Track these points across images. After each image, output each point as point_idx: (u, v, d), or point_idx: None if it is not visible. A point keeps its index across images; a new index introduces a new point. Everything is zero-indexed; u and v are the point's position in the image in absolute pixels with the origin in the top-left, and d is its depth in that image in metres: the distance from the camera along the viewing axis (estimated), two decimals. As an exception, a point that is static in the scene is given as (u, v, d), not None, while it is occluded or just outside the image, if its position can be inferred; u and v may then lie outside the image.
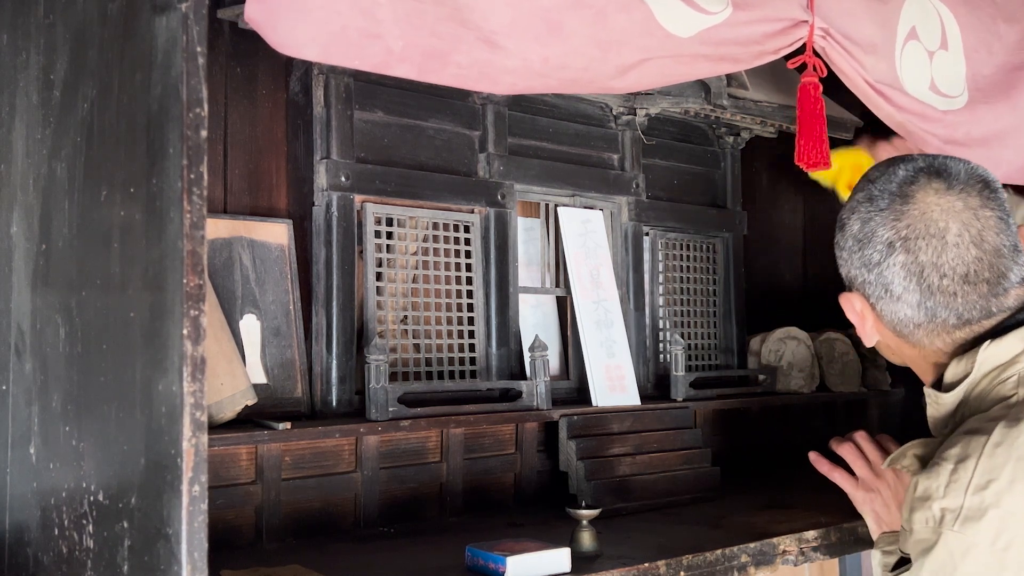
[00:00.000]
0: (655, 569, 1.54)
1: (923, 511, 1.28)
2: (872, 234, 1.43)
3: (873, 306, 1.45)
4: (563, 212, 2.23)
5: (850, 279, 1.48)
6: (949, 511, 1.25)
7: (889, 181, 1.44)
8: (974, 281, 1.37)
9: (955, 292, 1.38)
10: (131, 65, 1.14)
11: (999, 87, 2.08)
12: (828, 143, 1.87)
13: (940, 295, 1.38)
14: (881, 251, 1.41)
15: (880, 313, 1.45)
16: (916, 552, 1.29)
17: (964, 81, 2.03)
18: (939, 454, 1.31)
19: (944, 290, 1.38)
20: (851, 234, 1.46)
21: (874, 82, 1.88)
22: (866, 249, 1.43)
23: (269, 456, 1.70)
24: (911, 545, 1.30)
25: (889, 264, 1.41)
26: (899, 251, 1.40)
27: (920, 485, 1.30)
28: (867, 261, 1.43)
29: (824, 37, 1.80)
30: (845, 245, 1.47)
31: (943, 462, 1.29)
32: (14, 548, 1.36)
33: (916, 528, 1.29)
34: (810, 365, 2.57)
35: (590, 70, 1.61)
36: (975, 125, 2.01)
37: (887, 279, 1.41)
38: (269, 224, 1.88)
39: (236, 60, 1.89)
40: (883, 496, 1.63)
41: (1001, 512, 1.23)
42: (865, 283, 1.44)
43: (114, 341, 1.15)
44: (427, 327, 2.01)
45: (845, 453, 1.69)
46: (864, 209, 1.44)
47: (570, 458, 1.99)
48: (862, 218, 1.44)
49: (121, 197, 1.15)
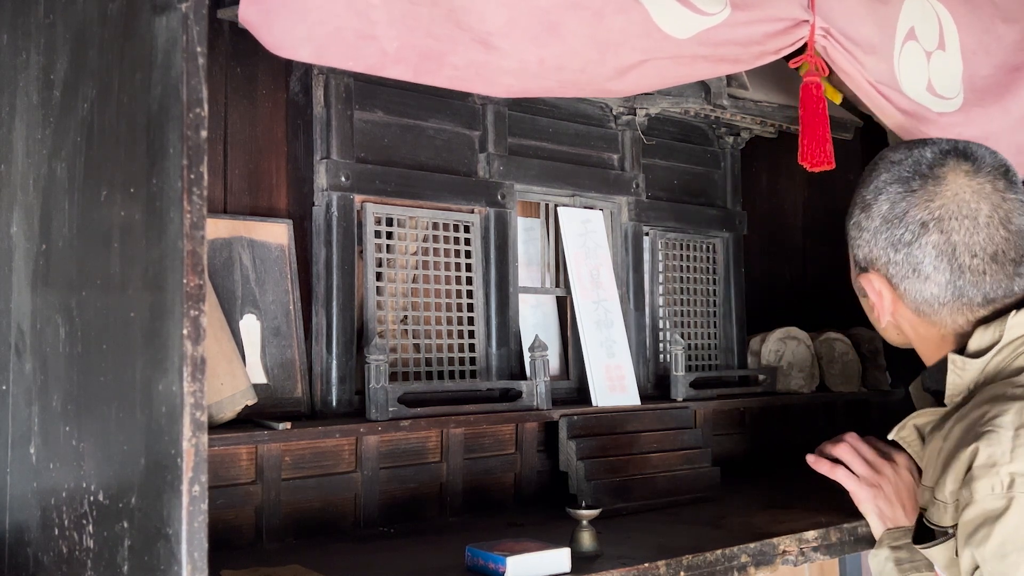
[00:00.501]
0: (655, 569, 1.54)
1: (989, 478, 1.28)
2: (904, 214, 1.47)
3: (896, 286, 1.49)
4: (563, 212, 2.23)
5: (871, 259, 1.51)
6: (1020, 475, 1.26)
7: (919, 163, 1.49)
8: (1002, 261, 1.44)
9: (984, 271, 1.43)
10: (131, 65, 1.14)
11: (994, 89, 2.08)
12: (831, 142, 1.87)
13: (970, 274, 1.44)
14: (914, 231, 1.45)
15: (903, 293, 1.49)
16: (979, 521, 1.28)
17: (960, 82, 2.03)
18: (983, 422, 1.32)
19: (975, 269, 1.44)
20: (879, 214, 1.49)
21: (875, 82, 1.88)
22: (896, 228, 1.47)
23: (269, 456, 1.70)
24: (969, 518, 1.29)
25: (921, 243, 1.45)
26: (932, 231, 1.44)
27: (981, 453, 1.30)
28: (896, 240, 1.47)
29: (825, 36, 1.80)
30: (869, 226, 1.51)
31: (999, 429, 1.30)
32: (14, 548, 1.36)
33: (980, 497, 1.28)
34: (810, 365, 2.58)
35: (587, 72, 1.61)
36: (968, 127, 2.00)
37: (917, 258, 1.46)
38: (269, 224, 1.88)
39: (236, 60, 1.89)
40: (885, 491, 1.64)
41: None
42: (890, 263, 1.48)
43: (114, 341, 1.15)
44: (427, 327, 2.01)
45: (841, 454, 1.69)
46: (894, 190, 1.48)
47: (570, 458, 1.99)
48: (891, 199, 1.48)
49: (121, 197, 1.15)
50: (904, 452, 1.67)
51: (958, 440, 1.35)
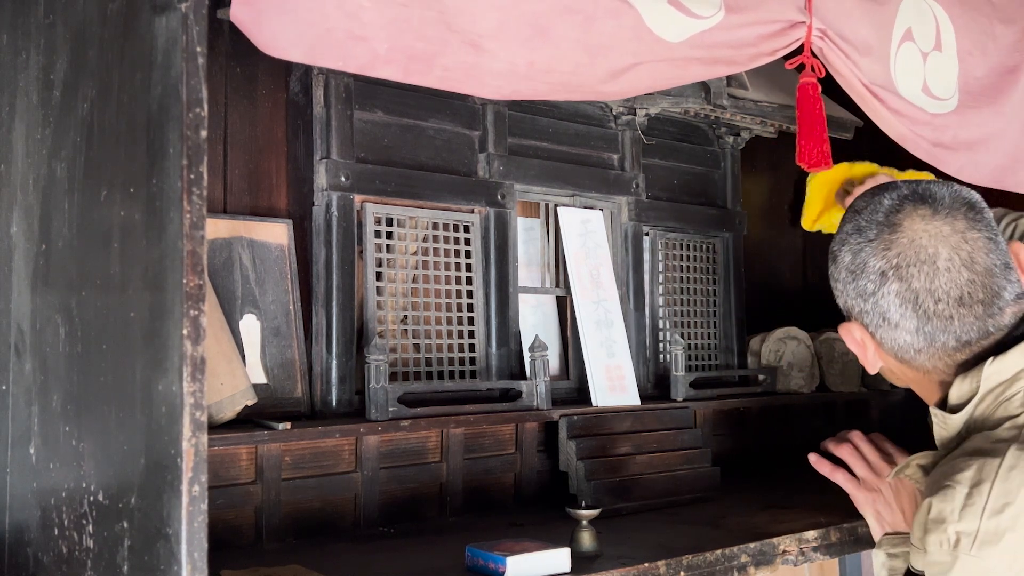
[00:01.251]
0: (655, 569, 1.54)
1: (937, 534, 1.28)
2: (864, 264, 1.43)
3: (872, 334, 1.45)
4: (563, 212, 2.23)
5: (847, 309, 1.49)
6: (965, 535, 1.25)
7: (875, 211, 1.44)
8: (968, 303, 1.38)
9: (951, 316, 1.38)
10: (131, 65, 1.14)
11: (989, 90, 2.08)
12: (828, 143, 1.87)
13: (937, 319, 1.39)
14: (875, 281, 1.42)
15: (880, 341, 1.45)
16: (932, 573, 1.29)
17: (956, 83, 2.03)
18: (949, 476, 1.31)
19: (940, 314, 1.39)
20: (844, 265, 1.46)
21: (869, 84, 1.88)
22: (860, 280, 1.44)
23: (269, 456, 1.70)
24: (926, 565, 1.31)
25: (884, 293, 1.41)
26: (892, 280, 1.40)
27: (933, 508, 1.30)
28: (862, 291, 1.44)
29: (822, 38, 1.79)
30: (839, 276, 1.48)
31: (956, 485, 1.29)
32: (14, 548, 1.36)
33: (930, 550, 1.29)
34: (810, 365, 2.58)
35: (578, 74, 1.61)
36: (962, 129, 2.00)
37: (883, 308, 1.42)
38: (269, 224, 1.88)
39: (236, 60, 1.89)
40: (884, 496, 1.63)
41: (1018, 536, 1.23)
42: (863, 312, 1.45)
43: (114, 341, 1.15)
44: (427, 327, 2.01)
45: (843, 454, 1.69)
46: (854, 241, 1.45)
47: (570, 458, 1.99)
48: (852, 250, 1.45)
49: (121, 197, 1.15)
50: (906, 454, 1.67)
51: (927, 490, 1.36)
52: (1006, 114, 2.11)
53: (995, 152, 2.12)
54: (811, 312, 2.81)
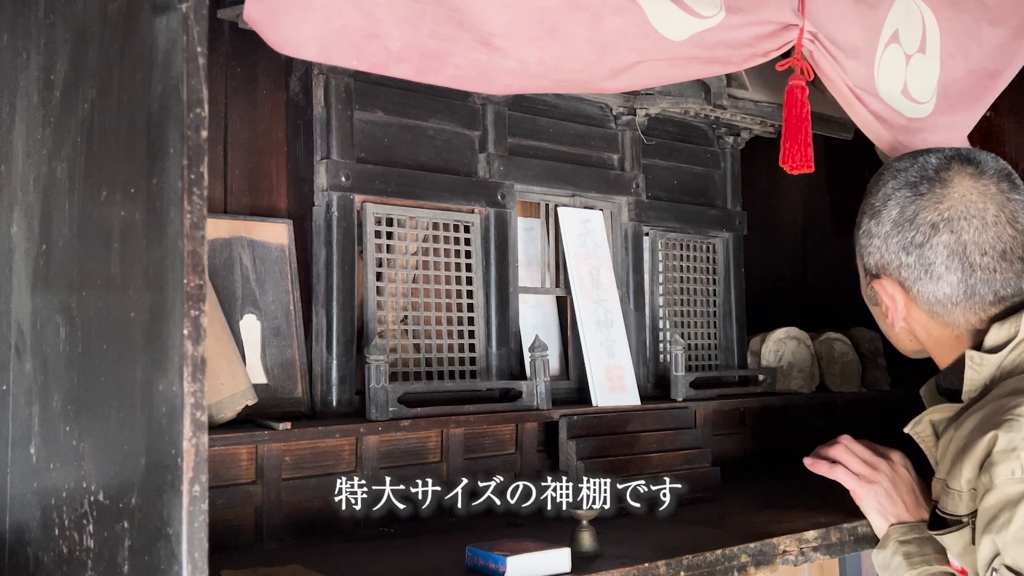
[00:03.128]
0: (655, 569, 1.54)
1: (1009, 462, 1.30)
2: (915, 216, 1.52)
3: (908, 289, 1.54)
4: (563, 212, 2.23)
5: (882, 264, 1.56)
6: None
7: (924, 168, 1.55)
8: (1010, 259, 1.49)
9: (995, 268, 1.49)
10: (131, 65, 1.14)
11: (965, 95, 2.07)
12: (812, 146, 1.87)
13: (981, 272, 1.49)
14: (925, 232, 1.51)
15: (916, 295, 1.53)
16: (1000, 507, 1.30)
17: (935, 86, 2.01)
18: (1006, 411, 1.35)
19: (985, 267, 1.49)
20: (889, 219, 1.54)
21: (853, 86, 1.87)
22: (907, 232, 1.52)
23: (269, 456, 1.70)
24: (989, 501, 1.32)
25: (933, 244, 1.50)
26: (943, 231, 1.50)
27: (1001, 439, 1.32)
28: (908, 243, 1.52)
29: (812, 41, 1.80)
30: (880, 231, 1.56)
31: (1020, 418, 1.33)
32: (14, 548, 1.36)
33: (1000, 482, 1.31)
34: (810, 365, 2.58)
35: (585, 71, 1.61)
36: (933, 133, 2.00)
37: (929, 259, 1.51)
38: (269, 224, 1.88)
39: (236, 60, 1.89)
40: (884, 487, 1.65)
41: None
42: (903, 266, 1.53)
43: (114, 341, 1.15)
44: (427, 327, 2.01)
45: (838, 454, 1.70)
46: (902, 195, 1.54)
47: (570, 458, 1.99)
48: (901, 203, 1.54)
49: (121, 197, 1.15)
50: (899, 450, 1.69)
51: (973, 430, 1.37)
52: (978, 119, 2.10)
53: None
54: (811, 312, 2.81)
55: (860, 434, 1.81)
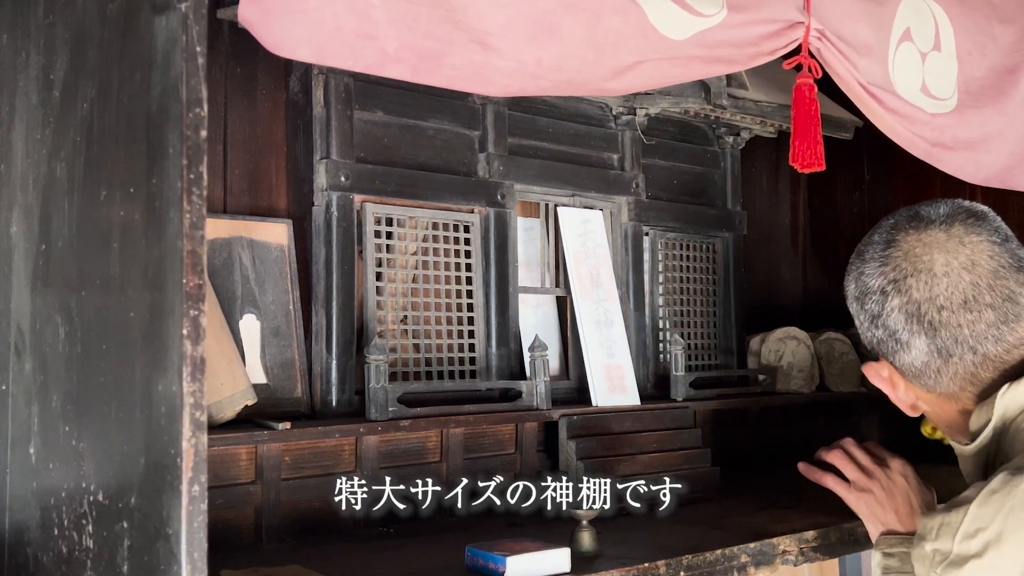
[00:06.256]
0: (655, 569, 1.54)
1: (919, 549, 1.29)
2: (866, 287, 1.40)
3: (896, 367, 1.40)
4: (563, 212, 2.23)
5: (871, 344, 1.44)
6: (939, 553, 1.25)
7: (873, 234, 1.43)
8: (975, 308, 1.32)
9: (959, 323, 1.32)
10: (131, 65, 1.14)
11: (989, 90, 2.07)
12: (822, 144, 1.87)
13: (944, 329, 1.33)
14: (878, 301, 1.38)
15: (903, 370, 1.40)
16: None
17: (955, 83, 2.02)
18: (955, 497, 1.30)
19: (947, 323, 1.33)
20: (852, 296, 1.44)
21: (867, 84, 1.87)
22: (866, 304, 1.40)
23: (269, 456, 1.70)
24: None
25: (888, 311, 1.37)
26: (892, 295, 1.36)
27: (920, 523, 1.30)
28: (871, 316, 1.40)
29: (819, 39, 1.80)
30: (852, 310, 1.44)
31: (948, 505, 1.27)
32: (14, 548, 1.35)
33: (915, 565, 1.30)
34: (810, 365, 2.57)
35: (584, 72, 1.61)
36: (962, 128, 2.00)
37: (892, 327, 1.37)
38: (269, 224, 1.88)
39: (236, 60, 1.89)
40: (876, 495, 1.61)
41: (982, 564, 1.20)
42: (880, 342, 1.40)
43: (114, 341, 1.15)
44: (427, 327, 2.01)
45: (834, 459, 1.68)
46: (855, 268, 1.43)
47: (570, 458, 1.99)
48: (855, 276, 1.43)
49: (121, 197, 1.15)
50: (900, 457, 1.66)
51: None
52: (1008, 114, 2.10)
53: (997, 152, 2.11)
54: (811, 312, 2.81)
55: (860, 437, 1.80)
